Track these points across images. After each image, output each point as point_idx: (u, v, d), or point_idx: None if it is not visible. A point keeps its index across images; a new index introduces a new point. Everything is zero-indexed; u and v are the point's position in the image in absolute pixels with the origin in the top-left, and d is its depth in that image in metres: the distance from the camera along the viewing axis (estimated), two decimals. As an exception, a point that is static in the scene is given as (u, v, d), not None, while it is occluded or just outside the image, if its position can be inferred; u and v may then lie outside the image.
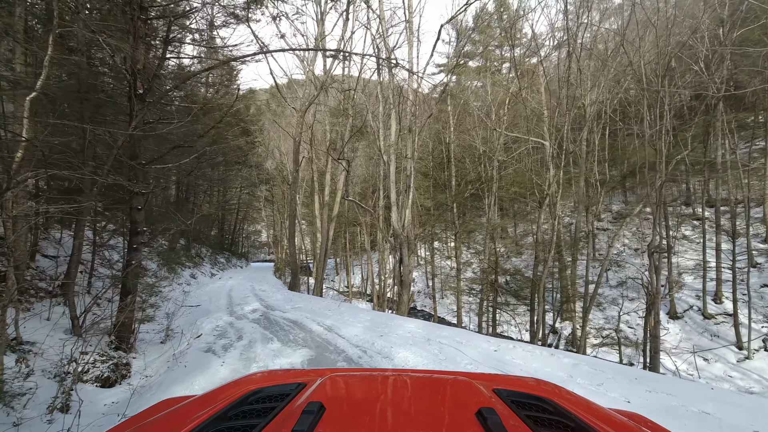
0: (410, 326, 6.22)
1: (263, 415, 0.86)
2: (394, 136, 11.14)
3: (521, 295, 13.83)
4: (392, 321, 6.79)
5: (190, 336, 6.93)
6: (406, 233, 12.07)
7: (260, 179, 27.82)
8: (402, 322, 6.54)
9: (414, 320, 6.89)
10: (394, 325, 6.34)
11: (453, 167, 16.24)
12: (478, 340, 4.91)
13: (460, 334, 5.25)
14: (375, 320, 7.05)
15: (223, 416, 0.88)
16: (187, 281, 15.77)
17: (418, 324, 6.38)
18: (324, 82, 13.83)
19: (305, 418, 0.75)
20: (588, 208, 14.21)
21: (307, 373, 1.45)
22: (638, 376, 3.29)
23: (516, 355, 4.10)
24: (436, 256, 24.67)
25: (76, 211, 6.02)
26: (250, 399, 1.00)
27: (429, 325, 6.40)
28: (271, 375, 1.51)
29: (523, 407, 0.94)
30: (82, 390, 5.23)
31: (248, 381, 1.25)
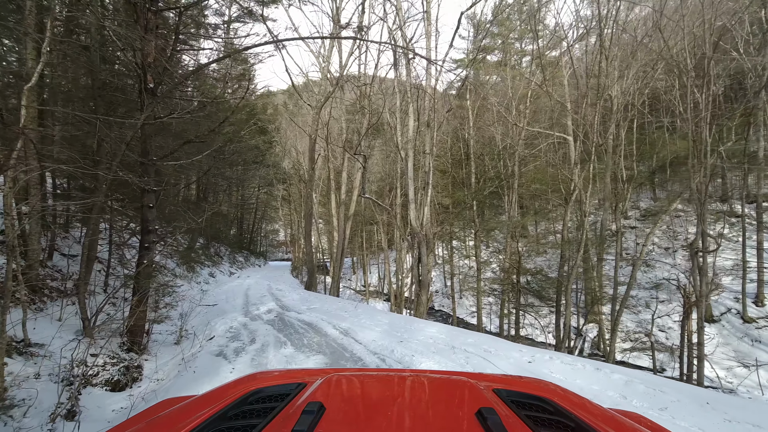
0: (432, 331, 5.76)
1: (263, 415, 0.85)
2: (411, 132, 10.68)
3: (545, 296, 13.14)
4: (412, 325, 6.35)
5: (203, 338, 6.68)
6: (424, 231, 11.59)
7: (277, 178, 27.82)
8: (423, 326, 6.10)
9: (435, 324, 6.43)
10: (414, 330, 5.90)
11: (472, 164, 15.62)
12: (508, 348, 4.43)
13: (488, 341, 4.77)
14: (394, 323, 6.63)
15: (223, 416, 0.88)
16: (205, 280, 15.74)
17: (440, 328, 5.92)
18: (339, 78, 13.47)
19: (305, 418, 0.75)
20: (617, 205, 13.39)
21: (307, 372, 1.42)
22: (710, 400, 2.74)
23: (554, 368, 3.61)
24: (453, 255, 24.06)
25: (87, 208, 5.83)
26: (250, 399, 0.99)
27: (452, 329, 5.94)
28: (271, 375, 1.47)
29: (523, 407, 0.93)
30: (90, 395, 5.01)
31: (248, 381, 1.23)
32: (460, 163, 20.62)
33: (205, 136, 6.15)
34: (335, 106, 14.99)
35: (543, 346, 14.50)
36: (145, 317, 6.30)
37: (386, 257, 22.97)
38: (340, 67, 13.67)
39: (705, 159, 7.23)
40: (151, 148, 6.08)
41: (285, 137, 26.02)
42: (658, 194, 21.39)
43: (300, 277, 22.93)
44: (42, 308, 5.77)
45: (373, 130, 18.28)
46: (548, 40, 15.40)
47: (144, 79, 5.96)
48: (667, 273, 16.90)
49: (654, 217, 20.03)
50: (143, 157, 6.04)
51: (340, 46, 14.85)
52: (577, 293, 12.31)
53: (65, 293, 6.36)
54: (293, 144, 24.01)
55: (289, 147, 24.92)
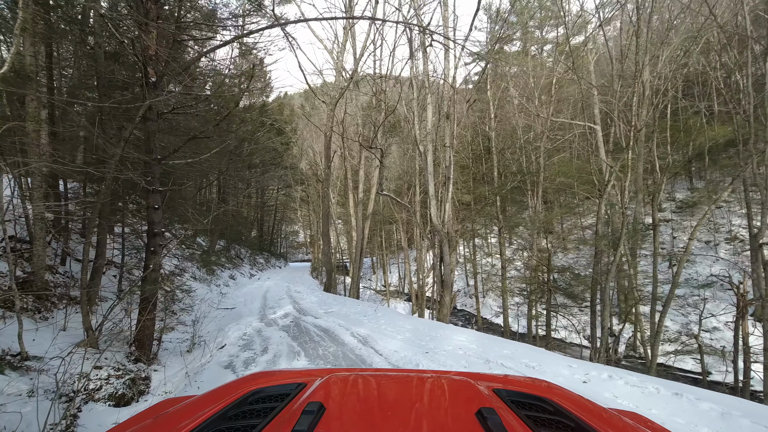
0: (461, 339, 5.10)
1: (263, 415, 0.85)
2: (430, 124, 10.01)
3: (577, 295, 12.18)
4: (437, 331, 5.70)
5: (215, 346, 6.24)
6: (446, 229, 10.89)
7: (295, 179, 27.63)
8: (450, 334, 5.44)
9: (464, 331, 5.76)
10: (440, 338, 5.26)
11: (494, 157, 14.78)
12: (553, 362, 3.73)
13: (528, 353, 4.08)
14: (417, 330, 6.00)
15: (223, 416, 0.87)
16: (225, 282, 15.53)
17: (469, 336, 5.25)
18: (354, 73, 12.93)
19: (305, 419, 0.74)
20: (654, 196, 12.28)
21: (307, 373, 1.39)
22: None
23: (619, 391, 2.91)
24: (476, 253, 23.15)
25: (97, 212, 5.47)
26: (250, 399, 0.99)
27: (483, 338, 5.25)
28: (271, 375, 1.44)
29: (523, 407, 0.93)
30: (91, 411, 4.61)
31: (248, 381, 1.21)
32: (481, 158, 19.75)
33: (210, 131, 5.69)
34: (350, 102, 14.46)
35: (576, 349, 13.52)
36: (154, 325, 5.90)
37: (406, 257, 22.33)
38: (354, 61, 13.14)
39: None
40: (155, 146, 5.66)
41: (302, 138, 25.78)
42: (695, 184, 19.86)
43: (319, 278, 22.59)
44: (47, 317, 5.46)
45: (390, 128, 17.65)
46: (574, 23, 14.36)
47: (145, 73, 5.55)
48: (711, 269, 15.55)
49: (692, 209, 18.60)
50: (147, 155, 5.64)
51: (354, 41, 14.32)
52: (608, 291, 11.34)
53: (69, 301, 6.04)
54: (310, 144, 23.73)
55: (306, 147, 24.67)
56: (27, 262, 6.11)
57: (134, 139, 6.23)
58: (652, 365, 9.69)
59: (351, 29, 12.89)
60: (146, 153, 5.67)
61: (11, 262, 4.15)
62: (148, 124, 5.61)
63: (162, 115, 5.77)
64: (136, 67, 5.89)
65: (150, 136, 5.63)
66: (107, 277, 8.21)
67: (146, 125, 5.64)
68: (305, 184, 27.23)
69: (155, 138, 5.69)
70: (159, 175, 5.81)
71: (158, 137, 5.99)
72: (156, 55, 5.61)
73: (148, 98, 5.40)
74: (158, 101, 5.73)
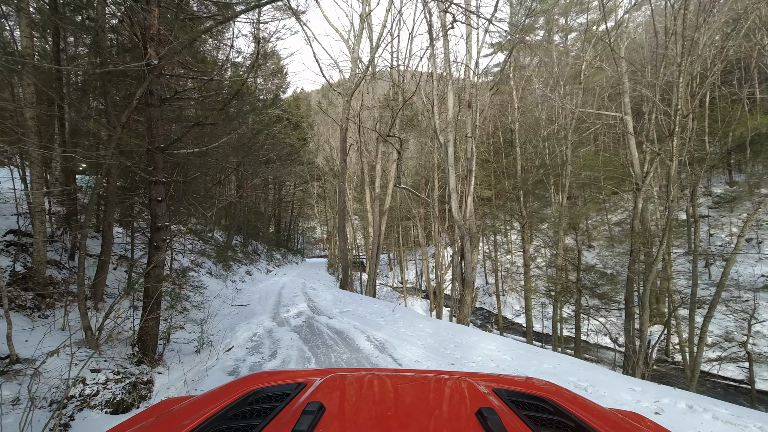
0: (490, 347, 4.45)
1: (263, 415, 0.84)
2: (451, 114, 9.31)
3: (608, 296, 11.27)
4: (462, 337, 5.07)
5: (222, 348, 5.80)
6: (468, 225, 10.20)
7: (312, 175, 27.30)
8: (477, 341, 4.80)
9: (492, 337, 5.10)
10: (466, 345, 4.63)
11: (518, 150, 13.91)
12: (610, 383, 3.04)
13: (575, 369, 3.40)
14: (439, 334, 5.38)
15: (223, 416, 0.87)
16: (242, 278, 15.26)
17: (500, 344, 4.59)
18: (370, 63, 12.32)
19: (305, 419, 0.74)
20: (693, 190, 11.21)
21: (307, 373, 1.36)
22: None
23: (707, 428, 2.23)
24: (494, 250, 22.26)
25: (94, 202, 5.08)
26: (250, 399, 0.98)
27: (515, 346, 4.58)
28: (271, 375, 1.38)
29: (523, 407, 0.92)
30: (85, 420, 4.20)
31: (248, 381, 1.20)
32: (501, 153, 18.84)
33: (215, 116, 5.20)
34: (366, 94, 13.86)
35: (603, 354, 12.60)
36: (158, 325, 5.49)
37: (424, 253, 21.66)
38: (371, 50, 12.51)
39: None
40: (158, 134, 5.22)
41: (318, 134, 25.41)
42: (734, 177, 18.39)
43: (336, 275, 22.19)
44: (46, 315, 5.12)
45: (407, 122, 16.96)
46: (605, 5, 13.28)
47: (145, 55, 5.10)
48: (753, 268, 14.27)
49: (731, 204, 17.19)
50: (150, 143, 5.20)
51: (370, 32, 13.69)
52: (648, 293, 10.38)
53: (73, 298, 5.69)
54: (326, 140, 23.32)
55: (322, 143, 24.27)
56: (31, 257, 5.80)
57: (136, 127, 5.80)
58: (694, 374, 8.77)
59: (367, 17, 12.26)
60: (148, 141, 5.23)
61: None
62: (151, 110, 5.16)
63: (165, 100, 5.32)
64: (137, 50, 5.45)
65: (152, 122, 5.18)
66: (118, 273, 7.93)
67: (148, 111, 5.20)
68: (322, 179, 26.88)
69: (158, 125, 5.24)
70: (162, 165, 5.38)
71: (162, 125, 5.56)
72: (158, 35, 5.15)
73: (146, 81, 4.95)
74: (160, 85, 5.28)
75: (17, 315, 4.73)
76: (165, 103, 5.39)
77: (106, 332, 5.16)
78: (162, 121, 5.43)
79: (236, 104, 8.23)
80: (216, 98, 5.50)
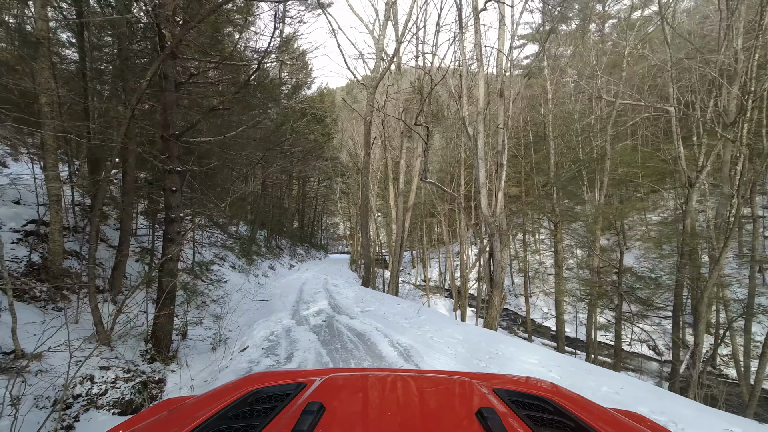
0: (531, 361, 3.84)
1: (263, 415, 0.84)
2: (482, 102, 8.62)
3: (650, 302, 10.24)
4: (497, 346, 4.47)
5: (237, 347, 5.45)
6: (498, 222, 9.49)
7: (336, 171, 27.06)
8: (515, 352, 4.19)
9: (533, 348, 4.45)
10: (503, 357, 4.03)
11: (551, 143, 12.98)
12: (695, 420, 2.39)
13: (645, 395, 2.75)
14: (470, 341, 4.79)
15: (223, 416, 0.86)
16: (264, 272, 15.13)
17: (543, 357, 3.96)
18: (396, 53, 11.76)
19: (305, 419, 0.73)
20: (753, 186, 10.00)
21: (307, 373, 1.33)
22: None
23: None
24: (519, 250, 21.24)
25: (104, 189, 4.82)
26: (250, 399, 0.97)
27: (562, 361, 3.93)
28: (271, 375, 1.32)
29: (523, 407, 0.91)
30: (90, 421, 3.92)
31: (248, 381, 1.19)
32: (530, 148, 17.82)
33: (231, 99, 4.82)
34: (391, 85, 13.31)
35: (649, 364, 11.56)
36: (172, 320, 5.21)
37: (448, 251, 20.95)
38: (396, 40, 11.94)
39: None
40: (173, 121, 4.89)
41: (342, 129, 25.13)
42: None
43: (358, 271, 21.85)
44: (61, 308, 4.92)
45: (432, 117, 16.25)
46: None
47: (159, 36, 4.77)
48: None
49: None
50: (164, 130, 4.88)
51: (396, 21, 13.12)
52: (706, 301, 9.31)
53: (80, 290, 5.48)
54: (350, 135, 22.98)
55: (346, 139, 23.95)
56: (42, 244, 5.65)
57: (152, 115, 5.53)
58: (754, 394, 7.73)
59: (393, 5, 11.69)
60: (163, 128, 4.92)
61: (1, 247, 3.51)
62: (165, 95, 4.84)
63: (180, 85, 4.99)
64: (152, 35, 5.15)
65: (167, 108, 4.86)
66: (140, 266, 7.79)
67: (163, 96, 4.88)
68: (345, 175, 26.61)
69: (173, 111, 4.91)
70: (178, 154, 5.06)
71: (178, 112, 5.24)
72: (174, 15, 4.82)
73: (163, 65, 4.61)
74: (175, 69, 4.95)
75: (29, 307, 4.54)
76: (180, 88, 5.07)
77: (120, 327, 4.91)
78: (178, 108, 5.10)
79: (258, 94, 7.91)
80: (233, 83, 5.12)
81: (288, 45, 11.24)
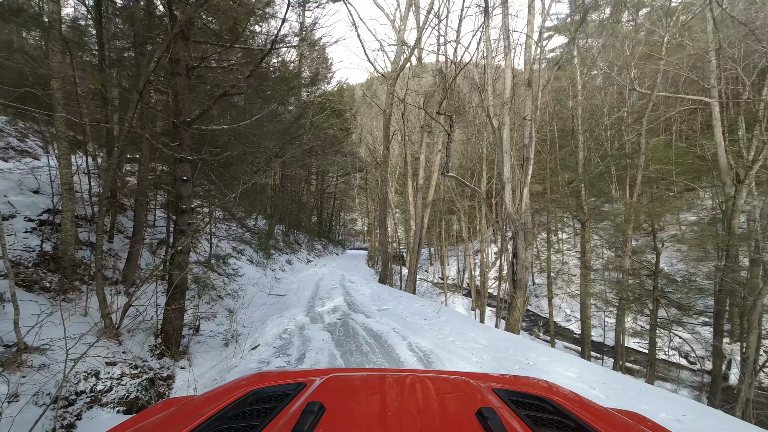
0: (569, 374, 3.38)
1: (263, 415, 0.83)
2: (508, 92, 8.06)
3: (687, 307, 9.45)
4: (528, 354, 4.01)
5: (249, 345, 5.19)
6: (522, 219, 8.94)
7: (354, 167, 26.79)
8: (548, 363, 3.72)
9: (570, 359, 3.95)
10: (535, 367, 3.58)
11: (580, 137, 12.21)
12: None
13: (719, 426, 2.27)
14: (497, 347, 4.35)
15: (223, 417, 0.85)
16: (281, 267, 15.01)
17: (582, 369, 3.49)
18: (417, 43, 11.28)
19: (305, 419, 0.72)
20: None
21: (307, 373, 1.30)
22: None
23: None
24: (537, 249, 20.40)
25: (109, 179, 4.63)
26: (250, 399, 0.96)
27: (606, 375, 3.41)
28: (270, 375, 1.30)
29: (523, 407, 0.90)
30: (93, 419, 3.71)
31: (248, 381, 1.17)
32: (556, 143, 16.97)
33: (242, 86, 4.52)
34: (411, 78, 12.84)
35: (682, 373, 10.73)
36: (183, 315, 4.99)
37: (467, 249, 20.36)
38: (418, 30, 11.45)
39: None
40: (184, 108, 4.64)
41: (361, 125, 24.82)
42: None
43: (375, 267, 21.55)
44: (71, 299, 4.77)
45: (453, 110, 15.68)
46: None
47: (171, 18, 4.52)
48: None
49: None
50: (175, 117, 4.64)
51: (417, 11, 12.62)
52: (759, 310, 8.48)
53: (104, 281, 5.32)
54: (369, 130, 22.64)
55: (364, 134, 23.63)
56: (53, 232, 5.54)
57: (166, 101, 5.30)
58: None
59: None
60: (174, 114, 4.67)
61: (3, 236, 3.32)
62: (176, 80, 4.59)
63: (192, 69, 4.72)
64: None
65: (178, 94, 4.61)
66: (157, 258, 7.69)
67: (174, 81, 4.63)
68: (364, 171, 26.31)
69: (184, 97, 4.65)
70: (190, 143, 4.81)
71: (191, 98, 4.98)
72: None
73: (172, 46, 4.35)
74: (187, 52, 4.69)
75: (38, 298, 4.39)
76: (191, 73, 4.80)
77: (129, 321, 4.73)
78: (190, 93, 4.84)
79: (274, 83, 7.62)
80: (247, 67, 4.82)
81: (306, 33, 10.92)
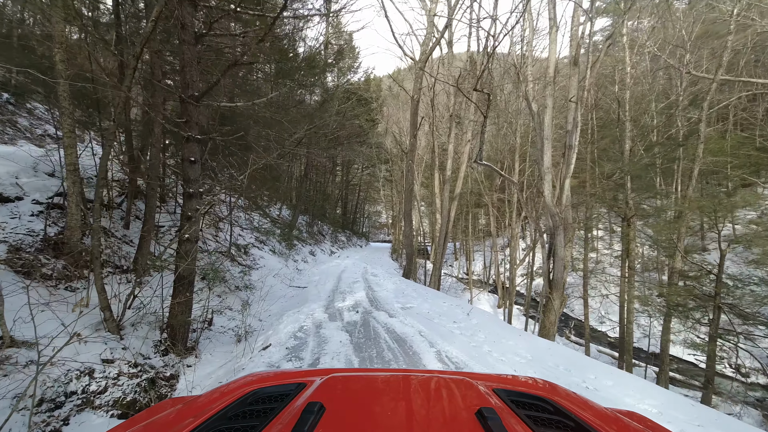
0: (644, 406, 2.59)
1: (263, 415, 0.82)
2: (552, 70, 7.10)
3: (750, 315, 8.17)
4: (584, 373, 3.24)
5: (260, 344, 4.69)
6: (563, 214, 8.00)
7: (380, 159, 26.14)
8: (612, 386, 2.95)
9: (643, 383, 3.12)
10: (597, 392, 2.81)
11: (627, 125, 10.94)
12: None
13: None
14: (544, 362, 3.60)
15: (223, 417, 0.84)
16: (304, 258, 14.67)
17: (661, 399, 2.69)
18: (448, 24, 10.39)
19: (305, 419, 0.71)
20: None
21: (307, 373, 1.28)
22: None
23: None
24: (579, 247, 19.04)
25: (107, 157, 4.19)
26: (250, 399, 0.95)
27: (693, 409, 2.61)
28: (270, 375, 1.27)
29: (523, 407, 0.90)
30: (82, 425, 3.30)
31: (248, 381, 1.15)
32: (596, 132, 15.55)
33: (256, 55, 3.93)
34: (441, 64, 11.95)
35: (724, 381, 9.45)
36: (189, 309, 4.54)
37: (494, 244, 19.31)
38: (449, 10, 10.54)
39: None
40: (192, 81, 4.11)
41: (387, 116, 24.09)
42: None
43: (399, 261, 20.93)
44: (75, 288, 4.42)
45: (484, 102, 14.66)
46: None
47: (176, -23, 3.96)
48: None
49: None
50: (184, 92, 4.12)
51: (449, -9, 11.66)
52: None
53: (115, 270, 4.98)
54: (396, 121, 21.87)
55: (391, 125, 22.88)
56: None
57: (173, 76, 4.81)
58: None
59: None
60: (181, 88, 4.15)
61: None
62: (184, 49, 4.06)
63: (201, 37, 4.18)
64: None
65: (186, 65, 4.08)
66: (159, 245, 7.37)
67: (182, 50, 4.10)
68: (389, 162, 25.61)
69: (192, 69, 4.12)
70: (197, 120, 4.29)
71: (199, 71, 4.45)
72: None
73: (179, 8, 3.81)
74: (195, 18, 4.14)
75: (36, 287, 4.05)
76: (200, 42, 4.26)
77: (132, 314, 4.33)
78: (198, 64, 4.31)
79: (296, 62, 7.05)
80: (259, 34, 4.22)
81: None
